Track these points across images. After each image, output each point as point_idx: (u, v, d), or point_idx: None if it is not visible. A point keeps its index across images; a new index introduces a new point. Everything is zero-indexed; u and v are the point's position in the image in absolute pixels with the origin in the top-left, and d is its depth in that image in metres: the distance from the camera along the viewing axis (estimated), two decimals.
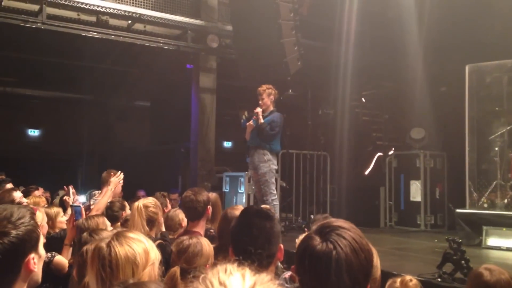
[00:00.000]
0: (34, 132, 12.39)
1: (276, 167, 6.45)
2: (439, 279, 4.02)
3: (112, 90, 11.94)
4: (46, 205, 4.61)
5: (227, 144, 12.01)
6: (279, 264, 2.77)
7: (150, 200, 3.45)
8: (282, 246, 1.93)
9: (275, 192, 6.40)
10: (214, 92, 9.48)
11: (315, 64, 9.22)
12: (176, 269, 1.70)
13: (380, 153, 10.47)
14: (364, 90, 10.98)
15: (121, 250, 1.63)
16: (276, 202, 6.35)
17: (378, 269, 2.31)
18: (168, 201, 5.64)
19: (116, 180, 4.23)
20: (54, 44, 9.05)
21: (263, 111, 6.42)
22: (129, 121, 12.42)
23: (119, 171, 4.39)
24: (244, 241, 1.91)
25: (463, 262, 3.92)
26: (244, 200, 7.61)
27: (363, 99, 11.26)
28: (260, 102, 6.49)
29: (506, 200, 6.80)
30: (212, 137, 9.37)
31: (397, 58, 8.78)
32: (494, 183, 6.94)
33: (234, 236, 2.00)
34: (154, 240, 3.23)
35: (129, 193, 6.80)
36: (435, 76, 8.78)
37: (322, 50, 9.53)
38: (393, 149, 9.87)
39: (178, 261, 2.39)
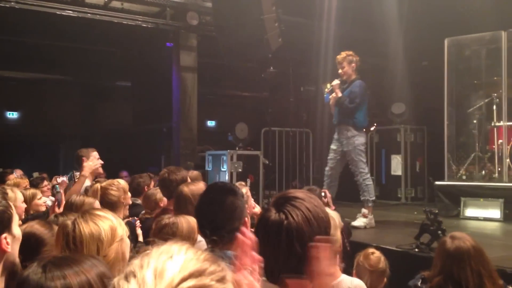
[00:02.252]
0: (12, 115, 12.17)
1: (363, 142, 5.70)
2: (416, 250, 4.11)
3: (92, 71, 11.75)
4: (27, 187, 4.55)
5: (211, 123, 11.96)
6: None
7: (115, 182, 3.39)
8: (247, 220, 1.94)
9: (366, 170, 5.70)
10: (196, 70, 9.39)
11: (296, 41, 9.16)
12: None
13: None
14: None
15: (85, 227, 1.64)
16: (369, 182, 5.68)
17: (338, 240, 2.34)
18: (152, 181, 5.61)
19: (91, 164, 4.02)
20: (30, 24, 8.84)
21: (344, 82, 5.74)
22: (111, 102, 12.27)
23: (92, 152, 4.11)
24: (205, 217, 1.93)
25: (439, 232, 4.00)
26: (227, 178, 7.63)
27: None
28: (340, 71, 5.74)
29: (483, 172, 6.93)
30: (195, 116, 9.32)
31: (378, 34, 8.76)
32: (473, 155, 7.06)
33: (196, 212, 2.03)
34: None
35: (112, 174, 6.76)
36: (416, 51, 8.81)
37: (303, 26, 9.46)
38: (375, 124, 9.95)
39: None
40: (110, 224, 1.68)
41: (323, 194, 3.87)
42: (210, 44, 9.18)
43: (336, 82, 5.70)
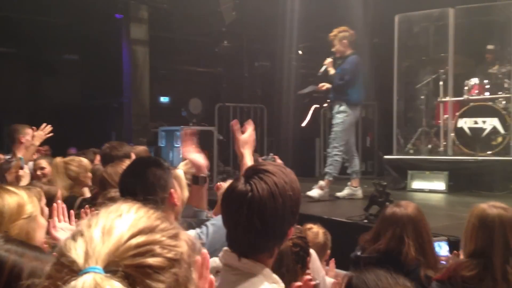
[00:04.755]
0: None
1: (352, 121, 5.69)
2: (365, 221, 4.24)
3: (37, 43, 11.17)
4: None
5: (164, 99, 11.68)
6: None
7: (76, 159, 3.30)
8: (173, 191, 1.92)
9: (341, 148, 5.64)
10: (147, 44, 9.10)
11: (251, 15, 9.05)
12: None
13: (316, 105, 10.66)
14: (301, 42, 10.99)
15: None
16: (339, 159, 5.65)
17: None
18: (97, 157, 5.44)
19: (42, 134, 3.84)
20: None
21: (339, 58, 5.62)
22: (58, 76, 11.73)
23: (27, 129, 3.88)
24: (125, 189, 1.91)
25: (387, 203, 4.13)
26: (180, 156, 7.53)
27: (300, 52, 11.29)
28: (333, 50, 5.64)
29: (429, 146, 7.21)
30: (146, 91, 9.09)
31: (333, 10, 8.79)
32: (420, 130, 7.31)
33: (118, 185, 2.04)
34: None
35: (60, 152, 6.51)
36: (368, 28, 8.91)
37: (258, 0, 9.35)
38: (328, 101, 10.07)
39: None
40: (17, 200, 1.61)
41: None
42: (162, 16, 8.92)
43: (328, 60, 5.64)
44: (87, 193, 3.40)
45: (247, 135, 2.05)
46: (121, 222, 0.74)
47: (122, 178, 1.99)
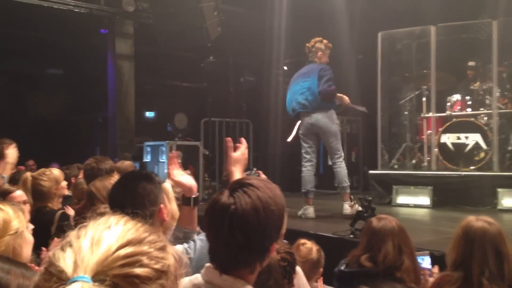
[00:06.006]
0: None
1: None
2: (351, 236, 4.24)
3: (22, 57, 11.08)
4: None
5: (149, 114, 11.65)
6: None
7: (46, 172, 3.22)
8: (162, 207, 1.91)
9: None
10: (132, 59, 9.09)
11: (236, 31, 9.12)
12: None
13: (301, 121, 10.71)
14: (286, 58, 11.09)
15: None
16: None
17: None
18: (81, 172, 5.37)
19: (13, 151, 3.77)
20: None
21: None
22: (42, 90, 11.64)
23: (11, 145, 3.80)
24: (115, 203, 1.89)
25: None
26: (165, 170, 7.47)
27: (285, 67, 11.38)
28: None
29: (414, 161, 7.28)
30: (132, 106, 9.04)
31: (318, 26, 8.90)
32: (404, 145, 7.38)
33: (108, 199, 2.03)
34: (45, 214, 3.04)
35: (43, 166, 6.42)
36: (352, 45, 9.04)
37: (244, 16, 9.44)
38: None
39: None
40: (3, 216, 1.59)
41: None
42: (147, 32, 8.92)
43: None
44: (59, 204, 3.32)
45: (239, 153, 2.04)
46: (110, 233, 0.76)
47: (112, 191, 1.98)
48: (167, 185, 2.24)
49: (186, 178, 2.06)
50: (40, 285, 0.71)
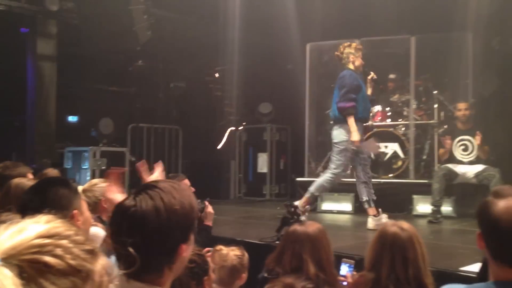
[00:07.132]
0: None
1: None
2: (277, 242, 4.28)
3: None
4: None
5: (72, 118, 11.09)
6: None
7: None
8: (76, 213, 1.89)
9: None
10: (55, 60, 8.65)
11: (167, 36, 8.98)
12: None
13: (232, 128, 10.75)
14: (218, 65, 11.09)
15: None
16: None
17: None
18: None
19: None
20: None
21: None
22: None
23: None
24: (26, 207, 1.83)
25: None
26: (88, 178, 7.15)
27: (216, 74, 11.38)
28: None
29: None
30: (53, 109, 8.58)
31: (248, 35, 9.00)
32: (329, 153, 7.59)
33: (18, 202, 1.98)
34: None
35: None
36: (282, 55, 9.23)
37: (176, 21, 9.30)
38: (243, 123, 10.20)
39: None
40: None
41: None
42: (72, 32, 8.54)
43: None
44: None
45: (154, 177, 2.02)
46: (36, 226, 0.77)
47: (23, 195, 1.96)
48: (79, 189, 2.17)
49: (120, 197, 2.02)
50: None
